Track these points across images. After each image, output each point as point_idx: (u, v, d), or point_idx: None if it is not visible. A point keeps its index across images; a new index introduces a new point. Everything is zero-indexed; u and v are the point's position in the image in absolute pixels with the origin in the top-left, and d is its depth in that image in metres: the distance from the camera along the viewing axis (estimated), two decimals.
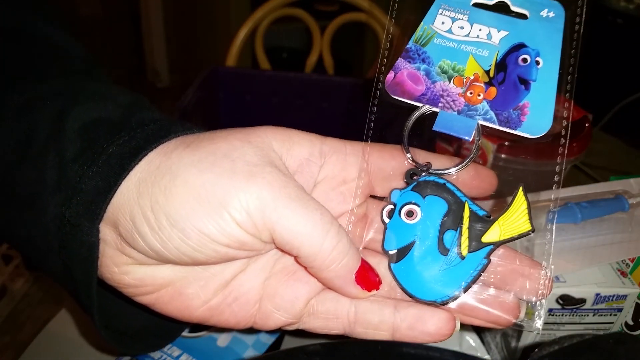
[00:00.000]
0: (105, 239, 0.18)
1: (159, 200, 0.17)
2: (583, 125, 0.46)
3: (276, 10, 0.92)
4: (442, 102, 0.21)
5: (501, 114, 0.20)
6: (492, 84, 0.20)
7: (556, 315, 0.32)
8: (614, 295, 0.32)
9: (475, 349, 0.36)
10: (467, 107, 0.20)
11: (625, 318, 0.34)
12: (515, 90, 0.20)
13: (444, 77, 0.21)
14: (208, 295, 0.19)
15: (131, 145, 0.18)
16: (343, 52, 1.79)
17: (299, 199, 0.17)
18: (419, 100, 0.21)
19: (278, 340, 0.37)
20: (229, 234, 0.17)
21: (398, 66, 0.22)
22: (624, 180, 0.38)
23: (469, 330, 0.37)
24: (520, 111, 0.20)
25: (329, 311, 0.20)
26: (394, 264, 0.20)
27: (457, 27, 0.21)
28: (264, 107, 0.87)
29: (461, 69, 0.21)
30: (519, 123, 0.20)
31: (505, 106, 0.20)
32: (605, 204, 0.35)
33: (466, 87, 0.20)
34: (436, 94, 0.21)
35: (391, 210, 0.20)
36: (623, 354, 0.21)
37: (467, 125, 0.20)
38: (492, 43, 0.21)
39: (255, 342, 0.35)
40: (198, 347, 0.34)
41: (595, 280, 0.32)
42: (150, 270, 0.19)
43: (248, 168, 0.17)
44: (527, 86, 0.20)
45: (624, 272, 0.33)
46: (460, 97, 0.20)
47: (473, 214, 0.19)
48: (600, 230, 0.35)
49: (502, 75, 0.20)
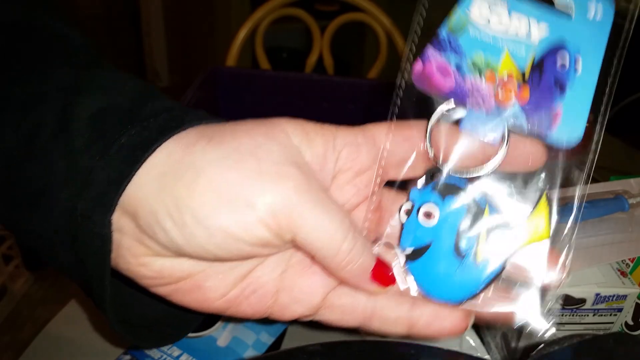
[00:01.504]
0: (123, 230, 0.18)
1: (183, 196, 0.17)
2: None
3: (276, 10, 0.92)
4: (471, 100, 0.19)
5: (532, 119, 0.19)
6: (525, 86, 0.19)
7: (556, 316, 0.32)
8: (614, 295, 0.32)
9: (475, 349, 0.36)
10: (497, 108, 0.19)
11: (625, 318, 0.34)
12: (549, 94, 0.19)
13: (476, 72, 0.19)
14: (226, 287, 0.20)
15: (144, 136, 0.18)
16: (343, 52, 1.79)
17: (322, 202, 0.18)
18: (448, 96, 0.20)
19: (278, 340, 0.37)
20: (254, 234, 0.17)
21: (427, 56, 0.20)
22: (624, 180, 0.38)
23: (469, 331, 0.37)
24: (551, 118, 0.19)
25: (345, 305, 0.20)
26: (409, 262, 0.20)
27: (495, 18, 0.19)
28: (264, 107, 0.87)
29: (495, 65, 0.19)
30: (548, 131, 0.19)
31: (538, 111, 0.19)
32: (605, 204, 0.35)
33: (498, 86, 0.19)
34: (465, 90, 0.19)
35: (409, 209, 0.20)
36: (623, 354, 0.21)
37: (494, 128, 0.19)
38: (531, 42, 0.19)
39: (255, 342, 0.35)
40: (198, 347, 0.34)
41: (595, 280, 0.32)
42: (169, 262, 0.19)
43: (275, 168, 0.17)
44: (563, 92, 0.19)
45: (624, 272, 0.33)
46: (491, 97, 0.19)
47: (492, 220, 0.19)
48: (600, 230, 0.35)
49: (538, 77, 0.19)
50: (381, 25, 0.92)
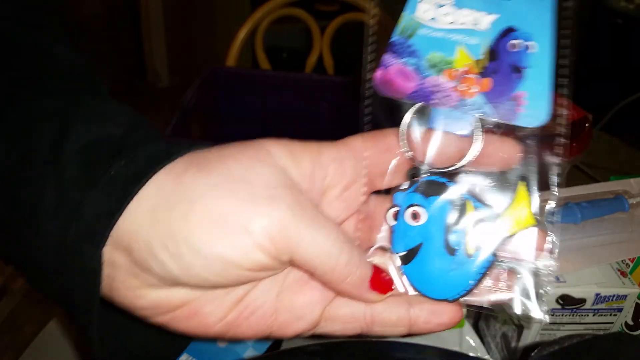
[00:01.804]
0: (116, 264, 0.18)
1: (179, 227, 0.17)
2: (583, 125, 0.46)
3: (276, 10, 0.92)
4: (434, 98, 0.20)
5: (497, 106, 0.19)
6: (485, 75, 0.19)
7: (556, 315, 0.32)
8: (614, 295, 0.32)
9: (475, 349, 0.36)
10: (461, 101, 0.19)
11: (625, 318, 0.34)
12: (509, 79, 0.19)
13: (435, 71, 0.19)
14: (224, 311, 0.20)
15: (134, 168, 0.18)
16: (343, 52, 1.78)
17: (315, 220, 0.18)
18: (412, 98, 0.20)
19: (278, 340, 0.37)
20: (252, 259, 0.18)
21: (385, 62, 0.20)
22: (624, 180, 0.38)
23: (469, 330, 0.37)
24: (515, 101, 0.19)
25: (345, 315, 0.21)
26: (404, 265, 0.20)
27: (441, 14, 0.19)
28: (264, 107, 0.87)
29: (451, 60, 0.19)
30: (515, 114, 0.19)
31: (501, 97, 0.19)
32: (605, 204, 0.35)
33: (459, 81, 0.19)
34: (428, 89, 0.20)
35: (396, 212, 0.20)
36: (623, 354, 0.21)
37: (464, 121, 0.19)
38: (481, 29, 0.19)
39: (255, 342, 0.35)
40: (198, 347, 0.34)
41: (595, 280, 0.32)
42: (164, 292, 0.19)
43: (266, 192, 0.18)
44: (520, 74, 0.19)
45: (624, 272, 0.33)
46: (454, 92, 0.19)
47: (477, 212, 0.19)
48: (600, 230, 0.35)
49: (495, 63, 0.19)
50: (381, 25, 0.92)
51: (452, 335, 0.37)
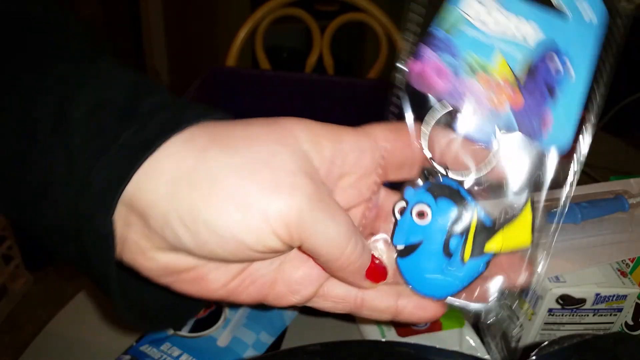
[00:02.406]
0: (131, 225, 0.19)
1: (199, 206, 0.18)
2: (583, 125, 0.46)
3: (276, 10, 0.92)
4: (466, 102, 0.19)
5: (524, 125, 0.19)
6: (519, 92, 0.19)
7: (556, 315, 0.32)
8: (614, 295, 0.32)
9: (475, 349, 0.36)
10: (491, 112, 0.19)
11: (625, 318, 0.34)
12: (541, 99, 0.19)
13: (471, 74, 0.19)
14: (227, 279, 0.20)
15: (144, 135, 0.18)
16: (343, 52, 1.79)
17: (331, 210, 0.19)
18: (443, 98, 0.20)
19: (278, 340, 0.37)
20: (266, 244, 0.18)
21: (423, 55, 0.20)
22: (624, 180, 0.38)
23: (469, 331, 0.37)
24: (542, 124, 0.19)
25: (338, 295, 0.22)
26: (400, 258, 0.21)
27: (490, 16, 0.19)
28: (264, 107, 0.87)
29: (489, 67, 0.19)
30: (539, 137, 0.19)
31: (530, 116, 0.19)
32: (605, 204, 0.35)
33: (492, 90, 0.19)
34: (461, 92, 0.19)
35: (403, 207, 0.20)
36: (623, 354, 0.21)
37: (488, 132, 0.19)
38: (527, 45, 0.19)
39: (255, 342, 0.35)
40: (198, 347, 0.34)
41: (595, 280, 0.32)
42: (173, 257, 0.19)
43: (289, 180, 0.18)
44: (554, 97, 0.18)
45: (624, 272, 0.33)
46: (486, 101, 0.19)
47: (480, 222, 0.20)
48: (600, 230, 0.35)
49: (532, 82, 0.19)
50: (381, 25, 0.92)
51: (452, 335, 0.37)
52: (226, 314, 0.37)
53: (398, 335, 0.36)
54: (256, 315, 0.37)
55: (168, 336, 0.35)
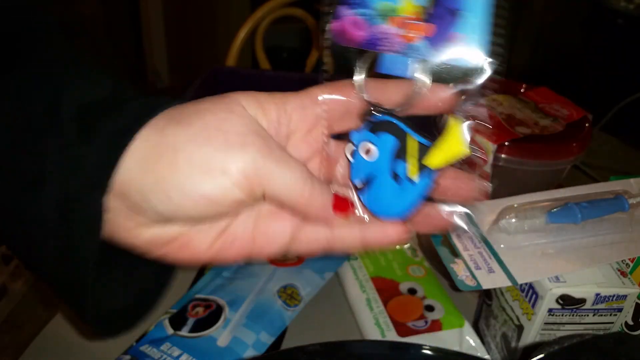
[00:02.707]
0: (115, 209, 0.21)
1: (167, 174, 0.20)
2: (583, 125, 0.46)
3: (276, 10, 0.92)
4: (382, 45, 0.22)
5: (438, 49, 0.21)
6: (428, 21, 0.21)
7: (556, 315, 0.32)
8: (614, 295, 0.32)
9: (475, 349, 0.36)
10: (406, 47, 0.21)
11: (625, 318, 0.34)
12: (447, 22, 0.21)
13: (382, 19, 0.22)
14: (210, 241, 0.23)
15: (125, 124, 0.21)
16: None
17: (283, 159, 0.21)
18: (363, 46, 0.22)
19: (278, 340, 0.37)
20: (231, 196, 0.21)
21: (339, 13, 0.23)
22: (624, 180, 0.38)
23: (469, 331, 0.37)
24: (453, 43, 0.20)
25: (310, 238, 0.24)
26: (360, 194, 0.23)
27: None
28: None
29: (396, 8, 0.21)
30: (452, 56, 0.21)
31: (441, 40, 0.21)
32: (605, 204, 0.35)
33: (403, 27, 0.21)
34: (376, 37, 0.22)
35: (352, 149, 0.23)
36: (623, 354, 0.22)
37: (404, 64, 0.22)
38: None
39: (255, 342, 0.35)
40: (198, 347, 0.34)
41: (595, 280, 0.32)
42: (157, 230, 0.22)
43: (240, 139, 0.21)
44: (456, 17, 0.20)
45: (624, 272, 0.33)
46: (399, 38, 0.21)
47: (418, 144, 0.22)
48: (600, 230, 0.35)
49: (437, 9, 0.21)
50: None
51: (452, 335, 0.37)
52: (226, 314, 0.37)
53: (398, 335, 0.36)
54: (256, 315, 0.37)
55: (168, 336, 0.35)
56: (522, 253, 0.34)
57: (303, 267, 0.41)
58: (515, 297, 0.34)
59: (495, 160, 0.41)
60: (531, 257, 0.34)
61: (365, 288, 0.41)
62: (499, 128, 0.42)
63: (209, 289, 0.39)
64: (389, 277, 0.41)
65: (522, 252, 0.34)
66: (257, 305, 0.38)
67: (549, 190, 0.38)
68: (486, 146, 0.41)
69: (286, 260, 0.42)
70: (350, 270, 0.42)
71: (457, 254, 0.34)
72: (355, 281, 0.41)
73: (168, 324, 0.36)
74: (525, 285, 0.33)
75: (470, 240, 0.35)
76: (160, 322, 0.37)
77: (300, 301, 0.39)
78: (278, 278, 0.40)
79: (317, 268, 0.41)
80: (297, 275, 0.40)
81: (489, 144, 0.41)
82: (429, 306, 0.39)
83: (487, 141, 0.41)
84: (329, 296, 0.42)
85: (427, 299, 0.40)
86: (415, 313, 0.38)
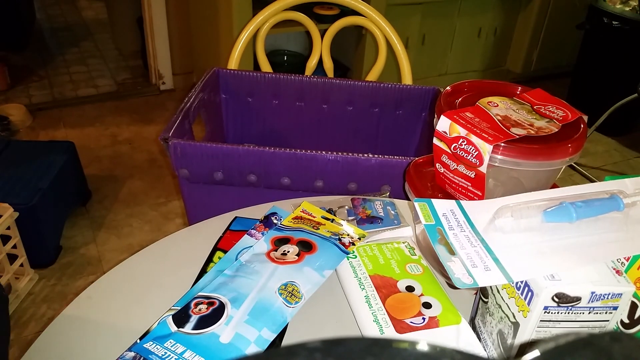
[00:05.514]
0: None
1: None
2: (578, 126, 0.46)
3: (277, 14, 0.93)
4: None
5: None
6: None
7: (552, 313, 0.33)
8: (609, 293, 0.32)
9: (472, 345, 0.37)
10: None
11: (621, 316, 0.35)
12: None
13: None
14: None
15: None
16: (342, 55, 1.79)
17: None
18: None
19: (279, 337, 0.38)
20: None
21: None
22: (619, 180, 0.39)
23: (466, 327, 0.38)
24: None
25: None
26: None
27: None
28: (265, 109, 0.87)
29: None
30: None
31: None
32: (600, 204, 0.36)
33: None
34: None
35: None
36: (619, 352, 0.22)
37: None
38: None
39: (257, 339, 0.36)
40: (201, 343, 0.35)
41: (590, 278, 0.33)
42: None
43: None
44: None
45: (619, 270, 0.34)
46: None
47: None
48: (595, 229, 0.35)
49: None
50: (380, 29, 0.93)
51: (449, 332, 0.37)
52: (229, 311, 0.37)
53: (396, 332, 0.37)
54: (258, 312, 0.37)
55: (171, 333, 0.36)
56: (517, 251, 0.34)
57: (303, 265, 0.42)
58: (511, 295, 0.35)
59: (491, 161, 0.42)
60: (527, 256, 0.34)
61: (364, 285, 0.41)
62: (495, 129, 0.43)
63: (211, 287, 0.40)
64: (387, 275, 0.42)
65: (517, 251, 0.34)
66: (259, 302, 0.38)
67: (544, 190, 0.38)
68: (482, 147, 0.42)
69: (286, 258, 0.43)
70: (349, 268, 0.43)
71: (454, 252, 0.34)
72: (354, 279, 0.42)
73: (171, 321, 0.37)
74: (520, 283, 0.33)
75: (466, 239, 0.35)
76: (163, 320, 0.37)
77: (300, 298, 0.40)
78: (279, 276, 0.41)
79: (317, 266, 0.42)
80: (297, 273, 0.41)
81: (485, 145, 0.41)
82: (426, 303, 0.39)
83: (484, 142, 0.41)
84: (329, 293, 0.42)
85: (424, 297, 0.40)
86: (413, 310, 0.39)
